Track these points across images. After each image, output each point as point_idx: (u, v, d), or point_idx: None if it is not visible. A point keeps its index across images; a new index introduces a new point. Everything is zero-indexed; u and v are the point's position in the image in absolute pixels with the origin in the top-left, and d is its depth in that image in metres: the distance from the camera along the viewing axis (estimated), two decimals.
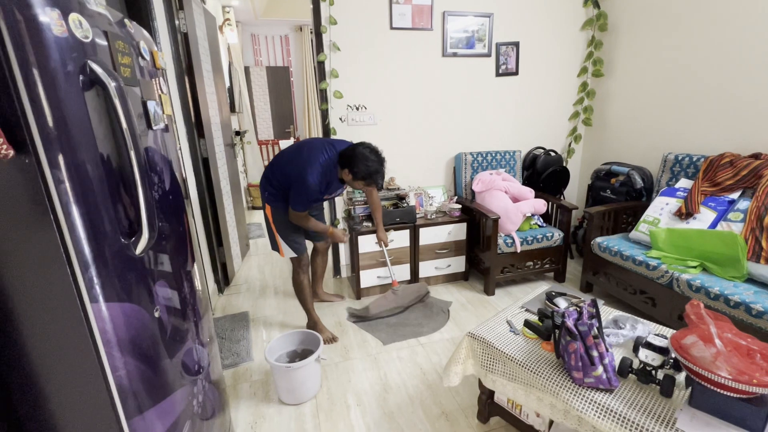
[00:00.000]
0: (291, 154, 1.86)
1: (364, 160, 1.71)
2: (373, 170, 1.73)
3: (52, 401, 0.77)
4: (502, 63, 2.80)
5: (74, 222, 0.68)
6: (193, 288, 1.16)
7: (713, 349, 0.97)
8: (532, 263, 2.59)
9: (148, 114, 0.90)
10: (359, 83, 2.55)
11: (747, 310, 1.57)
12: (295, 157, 1.82)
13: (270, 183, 1.91)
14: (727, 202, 1.99)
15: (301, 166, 1.75)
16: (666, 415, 1.02)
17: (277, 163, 1.90)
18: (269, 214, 1.95)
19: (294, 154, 1.85)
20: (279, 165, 1.88)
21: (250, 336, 2.17)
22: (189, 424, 1.00)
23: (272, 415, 1.60)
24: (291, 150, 1.89)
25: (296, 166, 1.77)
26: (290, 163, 1.82)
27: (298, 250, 2.00)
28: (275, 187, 1.88)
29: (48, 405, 0.77)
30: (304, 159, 1.77)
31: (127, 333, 0.79)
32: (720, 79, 2.22)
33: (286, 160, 1.86)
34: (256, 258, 3.37)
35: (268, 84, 6.00)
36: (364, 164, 1.71)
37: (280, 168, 1.86)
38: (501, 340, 1.37)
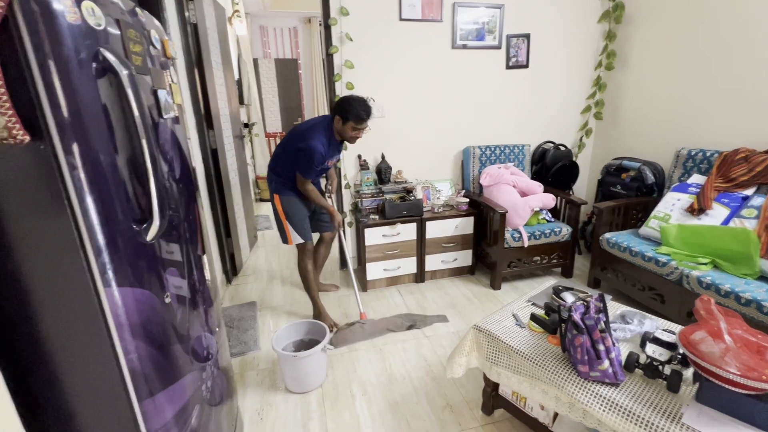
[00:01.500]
0: (293, 135, 1.98)
1: (350, 102, 1.88)
2: (361, 109, 1.87)
3: (66, 382, 0.79)
4: (512, 55, 2.77)
5: (87, 207, 0.69)
6: (202, 276, 1.17)
7: (722, 345, 0.96)
8: (539, 258, 2.57)
9: (159, 103, 0.91)
10: (367, 75, 2.54)
11: (758, 307, 1.54)
12: (297, 134, 1.95)
13: (276, 172, 2.02)
14: (741, 199, 1.96)
15: (305, 136, 1.88)
16: (672, 410, 1.01)
17: (281, 148, 2.01)
18: (278, 203, 2.03)
19: (295, 134, 1.97)
20: (284, 149, 1.99)
21: (257, 325, 2.20)
22: (198, 408, 1.02)
23: (279, 402, 1.63)
24: (292, 132, 2.02)
25: (300, 139, 1.89)
26: (294, 140, 1.93)
27: (305, 236, 2.07)
28: (282, 175, 2.00)
29: (63, 386, 0.79)
30: (306, 130, 1.92)
31: (138, 317, 0.81)
32: (736, 73, 2.17)
33: (289, 140, 1.98)
34: (264, 249, 3.40)
35: (277, 76, 6.01)
36: (349, 104, 1.87)
37: (286, 149, 1.97)
38: (507, 333, 1.37)
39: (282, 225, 2.06)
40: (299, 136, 1.92)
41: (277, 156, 2.03)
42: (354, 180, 2.70)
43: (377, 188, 2.60)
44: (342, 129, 1.91)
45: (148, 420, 0.83)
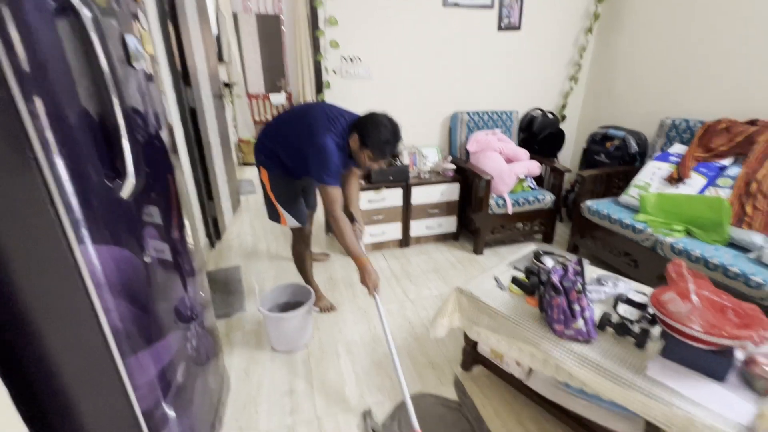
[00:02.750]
0: (294, 122, 1.61)
1: (377, 126, 1.48)
2: (385, 139, 1.48)
3: (47, 340, 0.78)
4: (505, 16, 2.67)
5: (53, 159, 0.65)
6: (183, 236, 1.15)
7: (689, 304, 1.02)
8: (521, 225, 2.62)
9: (128, 50, 0.84)
10: (354, 33, 2.42)
11: (724, 272, 1.63)
12: (301, 125, 1.57)
13: (268, 146, 1.68)
14: (718, 168, 2.01)
15: (315, 134, 1.51)
16: (638, 364, 1.08)
17: (282, 127, 1.66)
18: (266, 179, 1.73)
19: (298, 121, 1.60)
20: (284, 131, 1.64)
21: (242, 288, 2.21)
22: (184, 365, 1.03)
23: (265, 361, 1.67)
24: (293, 117, 1.64)
25: (308, 137, 1.52)
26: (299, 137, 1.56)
27: (301, 219, 1.84)
28: (275, 152, 1.67)
29: (43, 343, 0.78)
30: (316, 127, 1.53)
31: (117, 276, 0.79)
32: (721, 44, 2.16)
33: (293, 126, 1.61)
34: (248, 214, 3.36)
35: (258, 33, 5.68)
36: (377, 130, 1.48)
37: (288, 135, 1.63)
38: (488, 295, 1.41)
39: (271, 202, 1.78)
40: (311, 127, 1.53)
41: (273, 136, 1.67)
42: None
43: None
44: (356, 151, 1.54)
45: (132, 376, 0.83)
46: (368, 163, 1.56)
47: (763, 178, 1.80)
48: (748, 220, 1.76)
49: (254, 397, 1.49)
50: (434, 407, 1.45)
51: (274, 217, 1.87)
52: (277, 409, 1.44)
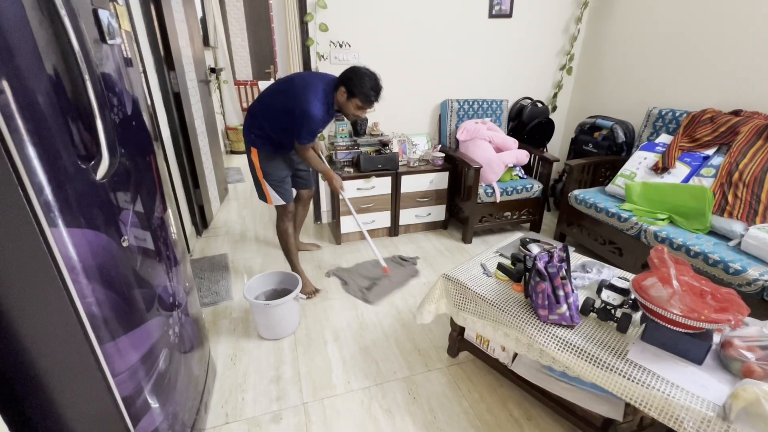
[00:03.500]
0: (283, 87, 1.74)
1: (362, 77, 1.66)
2: (370, 86, 1.66)
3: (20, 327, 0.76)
4: (496, 3, 2.64)
5: (22, 139, 0.62)
6: (165, 222, 1.13)
7: (670, 289, 1.03)
8: (510, 213, 2.64)
9: (101, 25, 0.80)
10: (343, 18, 2.37)
11: (705, 259, 1.66)
12: (290, 89, 1.71)
13: (256, 125, 1.77)
14: (702, 158, 2.03)
15: (302, 96, 1.65)
16: (619, 347, 1.10)
17: (267, 98, 1.77)
18: (255, 159, 1.82)
19: (286, 86, 1.73)
20: (270, 100, 1.75)
21: (229, 277, 2.18)
22: (166, 352, 1.02)
23: (251, 348, 1.66)
24: (282, 84, 1.76)
25: (296, 97, 1.66)
26: (286, 95, 1.70)
27: (286, 198, 1.92)
28: (263, 129, 1.76)
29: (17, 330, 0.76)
30: (303, 88, 1.67)
31: (93, 260, 0.77)
32: (707, 36, 2.17)
33: (279, 94, 1.74)
34: (236, 203, 3.31)
35: (246, 17, 5.54)
36: (362, 80, 1.65)
37: (273, 107, 1.74)
38: (474, 281, 1.42)
39: (259, 182, 1.88)
40: (291, 96, 1.67)
41: (260, 110, 1.77)
42: (328, 131, 2.61)
43: (352, 140, 2.53)
44: (344, 103, 1.70)
45: (111, 363, 0.82)
46: (355, 111, 1.73)
47: (744, 168, 1.83)
48: (729, 209, 1.79)
49: (240, 384, 1.49)
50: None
51: (262, 196, 1.95)
52: (263, 396, 1.44)
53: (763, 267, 1.54)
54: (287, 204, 1.93)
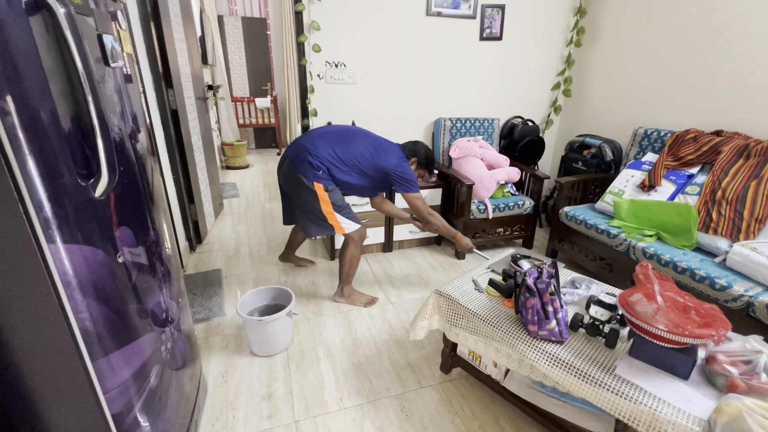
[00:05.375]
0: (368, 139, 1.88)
1: (427, 150, 2.00)
2: (431, 157, 2.02)
3: (13, 342, 0.76)
4: (486, 26, 2.74)
5: (24, 157, 0.64)
6: (160, 238, 1.14)
7: (655, 305, 1.06)
8: (502, 230, 2.67)
9: (105, 49, 0.84)
10: (339, 39, 2.45)
11: (692, 275, 1.70)
12: (377, 144, 1.87)
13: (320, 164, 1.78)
14: (687, 176, 2.10)
15: (394, 155, 1.87)
16: (608, 363, 1.12)
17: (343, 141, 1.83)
18: (323, 194, 1.79)
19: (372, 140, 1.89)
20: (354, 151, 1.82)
21: (222, 292, 2.18)
22: (158, 368, 1.02)
23: (244, 365, 1.65)
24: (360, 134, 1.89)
25: (387, 157, 1.85)
26: (377, 151, 1.85)
27: (357, 220, 1.92)
28: (327, 171, 1.79)
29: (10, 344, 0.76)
30: (390, 149, 1.89)
31: (89, 276, 0.78)
32: (690, 60, 2.27)
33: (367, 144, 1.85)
34: (230, 218, 3.32)
35: (244, 36, 5.67)
36: (427, 153, 1.99)
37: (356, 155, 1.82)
38: (466, 297, 1.44)
39: (323, 216, 1.82)
40: (376, 151, 1.84)
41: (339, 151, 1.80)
42: None
43: None
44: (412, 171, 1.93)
45: (102, 378, 0.82)
46: (416, 178, 1.96)
47: (727, 186, 1.89)
48: (713, 226, 1.84)
49: (231, 402, 1.47)
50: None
51: (319, 231, 1.93)
52: (254, 413, 1.43)
53: (747, 283, 1.57)
54: (361, 226, 1.93)
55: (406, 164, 1.88)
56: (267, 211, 3.47)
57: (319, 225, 1.88)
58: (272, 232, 3.04)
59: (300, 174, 1.77)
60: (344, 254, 1.99)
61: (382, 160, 1.84)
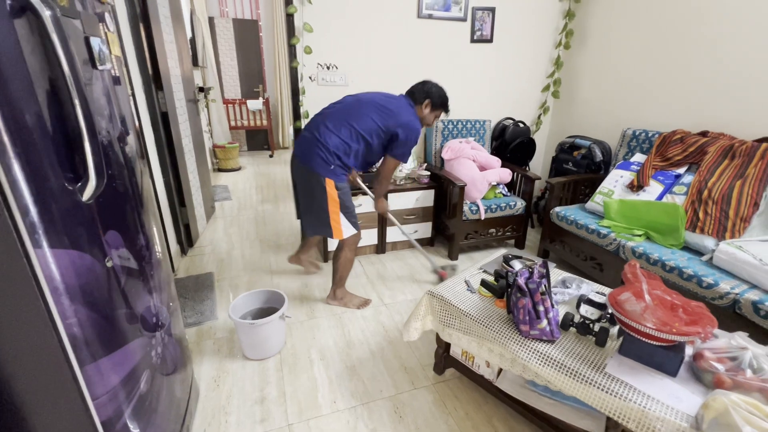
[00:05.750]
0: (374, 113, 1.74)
1: (438, 87, 1.89)
2: (444, 95, 1.91)
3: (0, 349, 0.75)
4: (477, 29, 2.76)
5: (9, 161, 0.63)
6: (149, 242, 1.13)
7: (643, 303, 1.08)
8: (494, 230, 2.69)
9: (92, 52, 0.83)
10: (331, 41, 2.45)
11: (680, 274, 1.72)
12: (383, 112, 1.75)
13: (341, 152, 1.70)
14: (674, 176, 2.13)
15: (405, 116, 1.77)
16: (598, 361, 1.13)
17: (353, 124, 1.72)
18: (333, 191, 1.72)
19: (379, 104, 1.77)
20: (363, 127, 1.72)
21: (214, 296, 2.16)
22: (148, 374, 1.01)
23: (236, 369, 1.64)
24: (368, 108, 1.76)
25: (396, 117, 1.75)
26: (380, 119, 1.74)
27: (357, 226, 1.88)
28: (348, 155, 1.73)
29: None
30: (396, 110, 1.77)
31: (77, 281, 0.77)
32: (677, 62, 2.31)
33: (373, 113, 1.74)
34: (222, 221, 3.30)
35: (235, 38, 5.64)
36: (439, 91, 1.88)
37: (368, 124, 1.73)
38: (458, 297, 1.44)
39: (328, 215, 1.75)
40: (385, 115, 1.73)
41: (351, 134, 1.71)
42: None
43: None
44: (426, 115, 1.89)
45: (91, 385, 0.81)
46: (434, 121, 1.96)
47: (713, 186, 1.93)
48: (700, 225, 1.87)
49: (224, 407, 1.46)
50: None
51: (317, 230, 1.88)
52: (247, 417, 1.42)
53: (733, 281, 1.60)
54: (359, 231, 1.90)
55: (416, 127, 1.78)
56: (259, 214, 3.46)
57: (320, 222, 1.80)
58: (264, 234, 3.02)
59: (312, 169, 1.71)
60: (338, 257, 1.98)
61: (392, 120, 1.74)
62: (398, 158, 1.84)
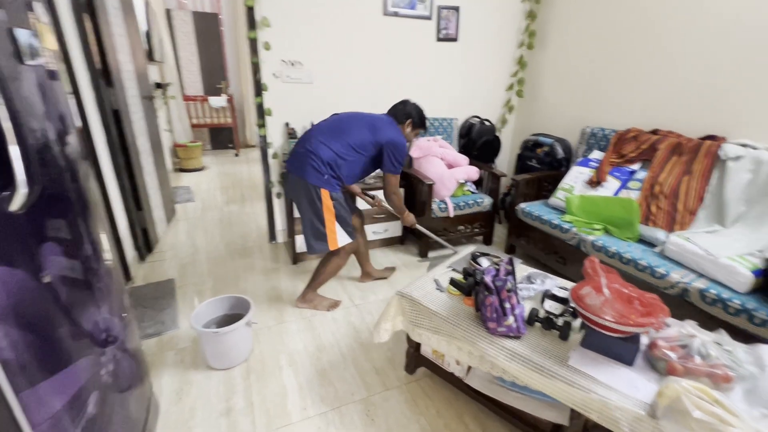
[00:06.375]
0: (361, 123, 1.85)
1: (417, 108, 1.99)
2: (422, 113, 2.01)
3: None
4: (442, 27, 2.78)
5: None
6: (96, 250, 1.05)
7: (602, 297, 1.12)
8: (463, 227, 2.73)
9: (18, 45, 0.75)
10: (295, 36, 2.38)
11: (635, 265, 1.81)
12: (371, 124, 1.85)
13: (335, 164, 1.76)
14: (629, 172, 2.24)
15: (390, 131, 1.85)
16: (562, 355, 1.17)
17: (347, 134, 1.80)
18: (328, 201, 1.76)
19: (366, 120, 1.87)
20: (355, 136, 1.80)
21: (176, 304, 2.06)
22: (97, 395, 0.93)
23: (200, 380, 1.56)
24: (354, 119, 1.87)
25: (382, 132, 1.83)
26: (372, 130, 1.83)
27: (353, 234, 1.91)
28: (341, 168, 1.78)
29: None
30: (384, 123, 1.88)
31: (6, 300, 0.70)
32: (630, 62, 2.42)
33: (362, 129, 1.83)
34: (185, 223, 3.15)
35: (195, 32, 5.40)
36: (418, 111, 1.99)
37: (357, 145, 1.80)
38: (427, 297, 1.44)
39: (323, 226, 1.79)
40: (373, 129, 1.82)
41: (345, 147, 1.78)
42: (282, 149, 2.58)
43: None
44: (407, 134, 1.98)
45: (29, 412, 0.73)
46: (413, 137, 2.07)
47: (663, 181, 2.04)
48: (653, 219, 1.98)
49: (187, 421, 1.39)
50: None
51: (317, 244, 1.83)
52: (212, 431, 1.36)
53: (683, 270, 1.70)
54: (354, 240, 1.93)
55: (402, 141, 1.87)
56: (224, 215, 3.33)
57: (316, 235, 1.81)
58: (230, 236, 2.91)
59: (306, 180, 1.74)
60: (328, 261, 1.95)
61: (381, 135, 1.83)
62: (393, 172, 1.90)
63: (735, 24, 1.93)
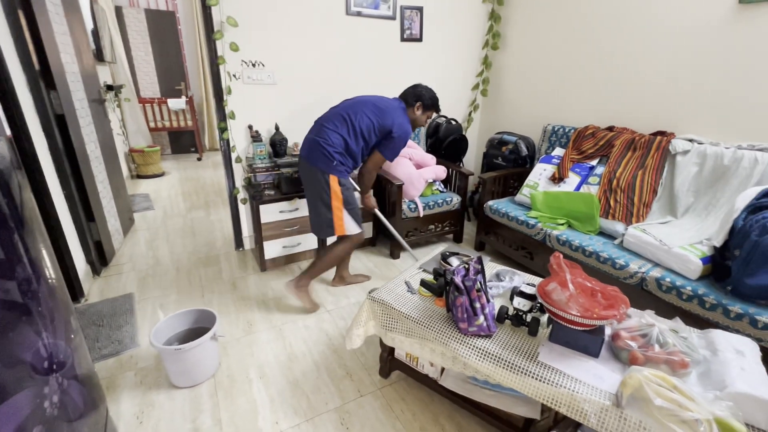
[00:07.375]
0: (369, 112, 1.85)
1: (428, 90, 2.00)
2: (434, 96, 2.01)
3: None
4: (406, 27, 2.78)
5: None
6: (35, 269, 0.95)
7: (567, 292, 1.14)
8: (433, 226, 2.74)
9: None
10: (255, 37, 2.30)
11: (597, 257, 1.88)
12: (381, 109, 1.86)
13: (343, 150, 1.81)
14: (589, 168, 2.33)
15: (399, 118, 1.87)
16: (531, 351, 1.19)
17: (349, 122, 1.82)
18: (337, 187, 1.80)
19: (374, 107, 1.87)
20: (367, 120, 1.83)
21: (135, 320, 1.93)
22: (40, 430, 0.85)
23: (162, 401, 1.47)
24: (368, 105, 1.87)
25: (392, 118, 1.85)
26: (381, 115, 1.85)
27: (360, 224, 1.94)
28: (348, 153, 1.83)
29: None
30: (395, 110, 1.89)
31: None
32: (587, 61, 2.53)
33: (372, 114, 1.84)
34: (144, 233, 2.98)
35: (150, 31, 5.13)
36: (429, 93, 2.00)
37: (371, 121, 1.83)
38: (399, 300, 1.43)
39: (331, 212, 1.82)
40: (381, 114, 1.84)
41: (356, 131, 1.81)
42: (245, 153, 2.49)
43: (272, 162, 2.44)
44: (418, 116, 2.00)
45: None
46: (425, 121, 2.07)
47: (620, 176, 2.13)
48: (611, 212, 2.07)
49: None
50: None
51: (325, 230, 1.87)
52: None
53: (640, 261, 1.79)
54: (362, 231, 1.96)
55: (406, 130, 1.89)
56: (187, 223, 3.18)
57: (323, 220, 1.85)
58: (194, 245, 2.79)
59: (316, 167, 1.79)
60: (332, 249, 1.96)
61: (387, 120, 1.85)
62: (386, 156, 1.92)
63: (679, 28, 2.05)
